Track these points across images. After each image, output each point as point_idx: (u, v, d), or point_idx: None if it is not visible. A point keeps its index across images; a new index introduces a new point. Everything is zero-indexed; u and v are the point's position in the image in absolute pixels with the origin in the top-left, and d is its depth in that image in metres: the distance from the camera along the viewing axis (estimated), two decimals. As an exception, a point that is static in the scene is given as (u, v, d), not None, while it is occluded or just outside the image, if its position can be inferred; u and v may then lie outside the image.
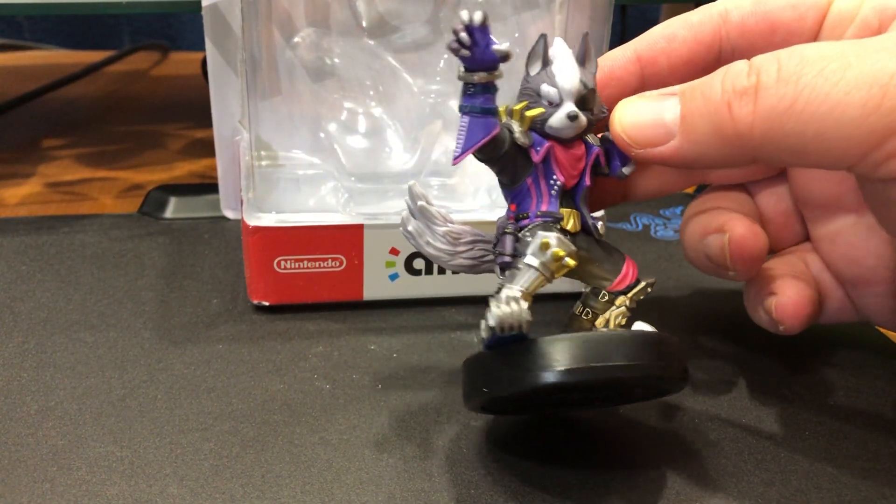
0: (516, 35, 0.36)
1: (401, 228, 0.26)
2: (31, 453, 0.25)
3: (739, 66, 0.22)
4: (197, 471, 0.25)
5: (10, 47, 0.75)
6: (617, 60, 0.27)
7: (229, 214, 0.41)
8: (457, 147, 0.23)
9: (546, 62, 0.24)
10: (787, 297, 0.28)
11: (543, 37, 0.24)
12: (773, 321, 0.28)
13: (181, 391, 0.28)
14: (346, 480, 0.24)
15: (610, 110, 0.25)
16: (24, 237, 0.39)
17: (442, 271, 0.34)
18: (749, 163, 0.23)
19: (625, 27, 0.69)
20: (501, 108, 0.24)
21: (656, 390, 0.26)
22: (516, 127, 0.24)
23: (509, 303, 0.22)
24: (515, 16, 0.35)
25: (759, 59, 0.21)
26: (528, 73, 0.24)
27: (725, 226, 0.27)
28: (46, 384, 0.28)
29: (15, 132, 0.55)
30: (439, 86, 0.36)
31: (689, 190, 0.48)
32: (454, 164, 0.24)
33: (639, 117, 0.23)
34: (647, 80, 0.26)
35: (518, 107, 0.24)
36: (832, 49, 0.20)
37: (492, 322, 0.22)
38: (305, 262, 0.33)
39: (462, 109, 0.23)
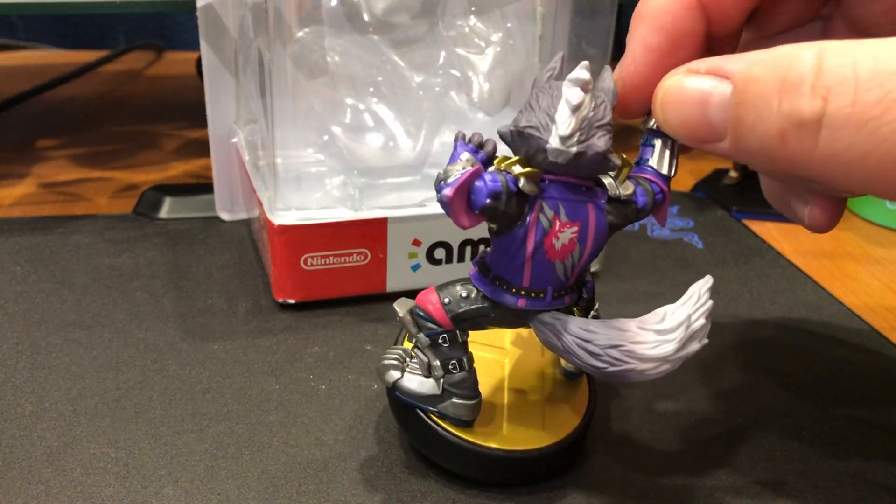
0: (508, 25, 0.36)
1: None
2: (26, 454, 0.25)
3: (802, 69, 0.16)
4: (192, 472, 0.24)
5: (4, 47, 0.75)
6: (676, 14, 0.20)
7: (224, 216, 0.41)
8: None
9: None
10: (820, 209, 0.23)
11: None
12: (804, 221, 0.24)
13: (176, 392, 0.28)
14: (342, 481, 0.24)
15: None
16: (19, 238, 0.38)
17: (461, 260, 0.34)
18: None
19: (620, 27, 0.69)
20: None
21: None
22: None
23: None
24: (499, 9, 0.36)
25: (831, 69, 0.15)
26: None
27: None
28: (41, 385, 0.28)
29: (9, 132, 0.55)
30: (439, 79, 0.36)
31: (687, 189, 0.48)
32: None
33: (682, 110, 0.18)
34: (712, 22, 0.20)
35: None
36: None
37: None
38: (331, 257, 0.33)
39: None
